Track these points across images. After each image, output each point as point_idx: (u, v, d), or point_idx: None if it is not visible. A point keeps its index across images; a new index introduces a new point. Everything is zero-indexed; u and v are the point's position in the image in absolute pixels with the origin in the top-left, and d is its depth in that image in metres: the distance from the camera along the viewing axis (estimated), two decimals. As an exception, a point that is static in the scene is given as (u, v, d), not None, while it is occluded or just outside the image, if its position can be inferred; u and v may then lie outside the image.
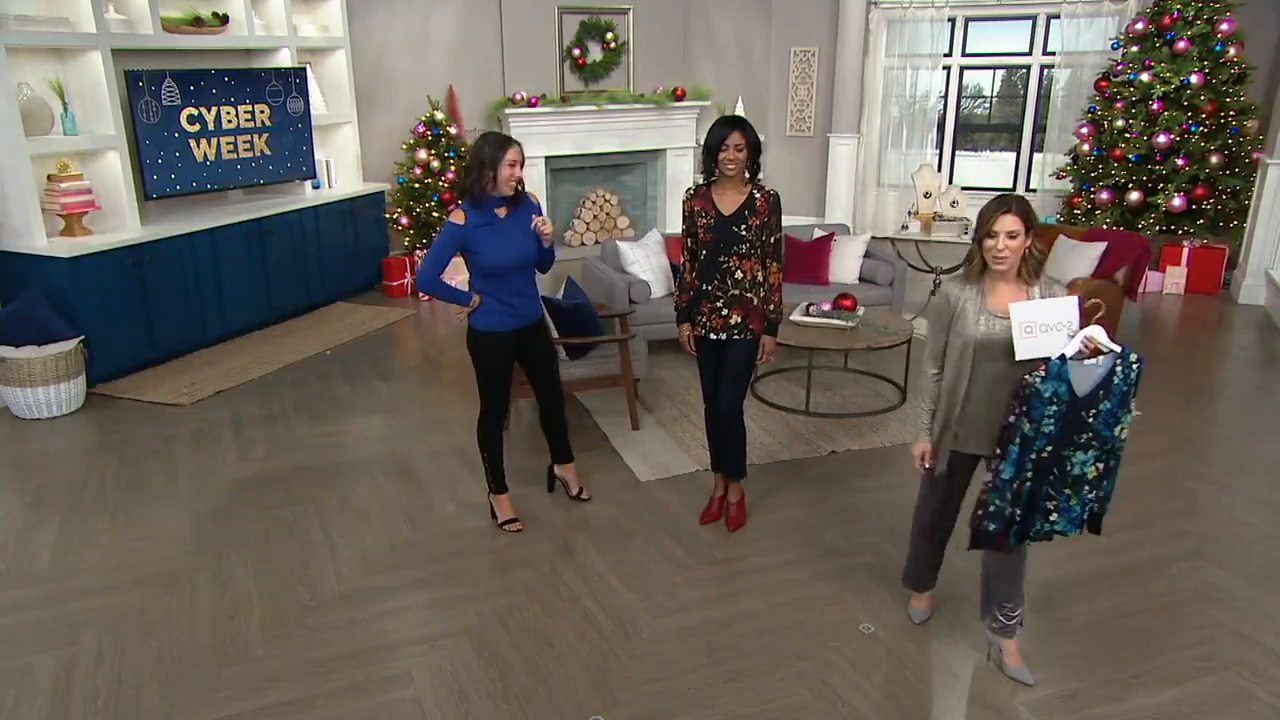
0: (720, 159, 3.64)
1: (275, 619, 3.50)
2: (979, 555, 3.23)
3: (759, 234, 3.73)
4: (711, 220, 3.74)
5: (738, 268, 3.75)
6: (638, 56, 9.38)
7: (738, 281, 3.76)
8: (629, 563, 3.88)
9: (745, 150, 3.63)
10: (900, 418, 5.39)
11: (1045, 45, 9.36)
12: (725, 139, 3.61)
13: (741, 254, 3.74)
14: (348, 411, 5.52)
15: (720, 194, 3.76)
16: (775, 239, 3.78)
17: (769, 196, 3.74)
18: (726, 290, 3.78)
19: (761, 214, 3.71)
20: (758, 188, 3.73)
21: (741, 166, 3.66)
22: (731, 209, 3.72)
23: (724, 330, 3.83)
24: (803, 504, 4.40)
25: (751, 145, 3.65)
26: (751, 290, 3.78)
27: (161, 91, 6.22)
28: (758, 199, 3.72)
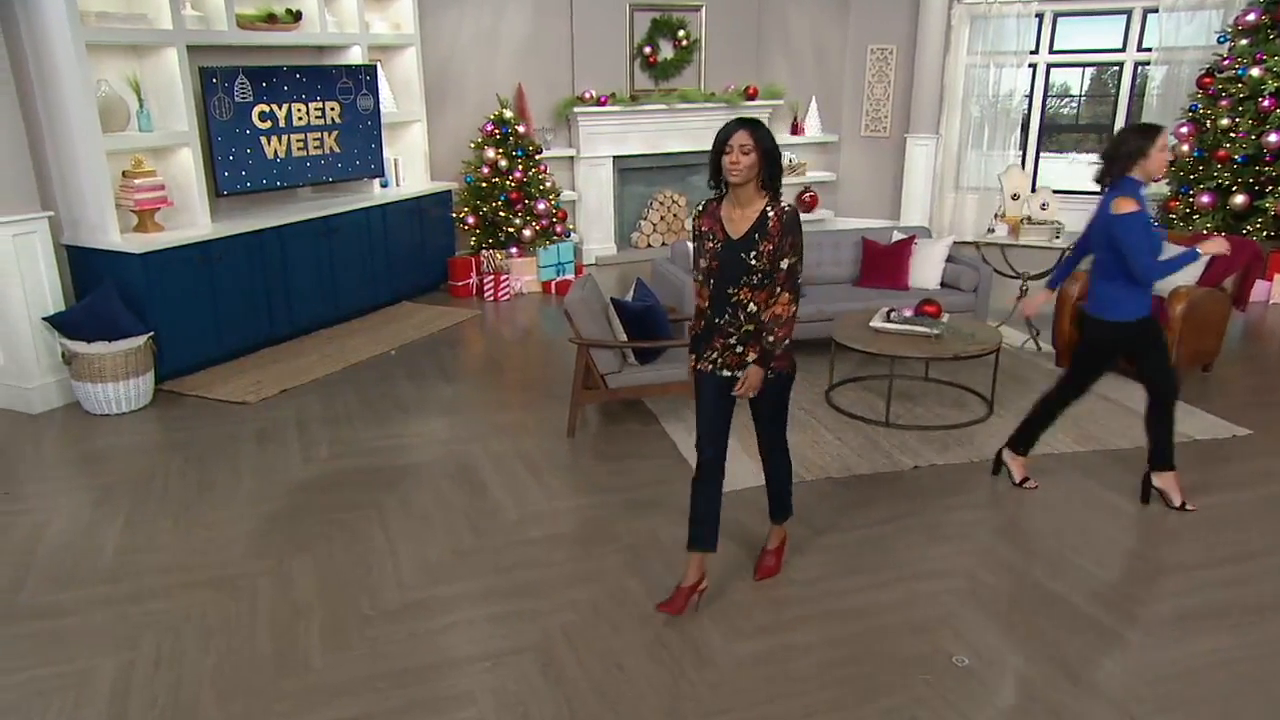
0: (724, 163, 3.07)
1: (335, 628, 3.38)
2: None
3: (772, 261, 3.12)
4: (719, 245, 3.17)
5: (750, 300, 3.17)
6: (709, 54, 9.19)
7: (751, 316, 3.20)
8: (701, 580, 3.67)
9: (754, 153, 3.03)
10: (988, 431, 5.08)
11: (1140, 41, 8.91)
12: (729, 138, 3.04)
13: (754, 285, 3.15)
14: (411, 413, 5.41)
15: (730, 211, 3.17)
16: (789, 264, 3.12)
17: (782, 215, 3.10)
18: (740, 326, 3.23)
19: (774, 236, 3.09)
20: (773, 204, 3.12)
21: (749, 173, 3.04)
22: (741, 231, 3.13)
23: (740, 367, 3.29)
24: (884, 522, 4.14)
25: (764, 150, 3.04)
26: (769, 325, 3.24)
27: (234, 88, 6.21)
28: (770, 219, 3.09)
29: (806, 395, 5.61)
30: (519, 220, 7.91)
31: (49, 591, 3.62)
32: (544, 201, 7.99)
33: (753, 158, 3.03)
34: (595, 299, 5.00)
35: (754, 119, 3.13)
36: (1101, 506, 4.27)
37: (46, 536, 4.03)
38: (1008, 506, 4.27)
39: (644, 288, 5.36)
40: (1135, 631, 3.33)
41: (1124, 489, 4.41)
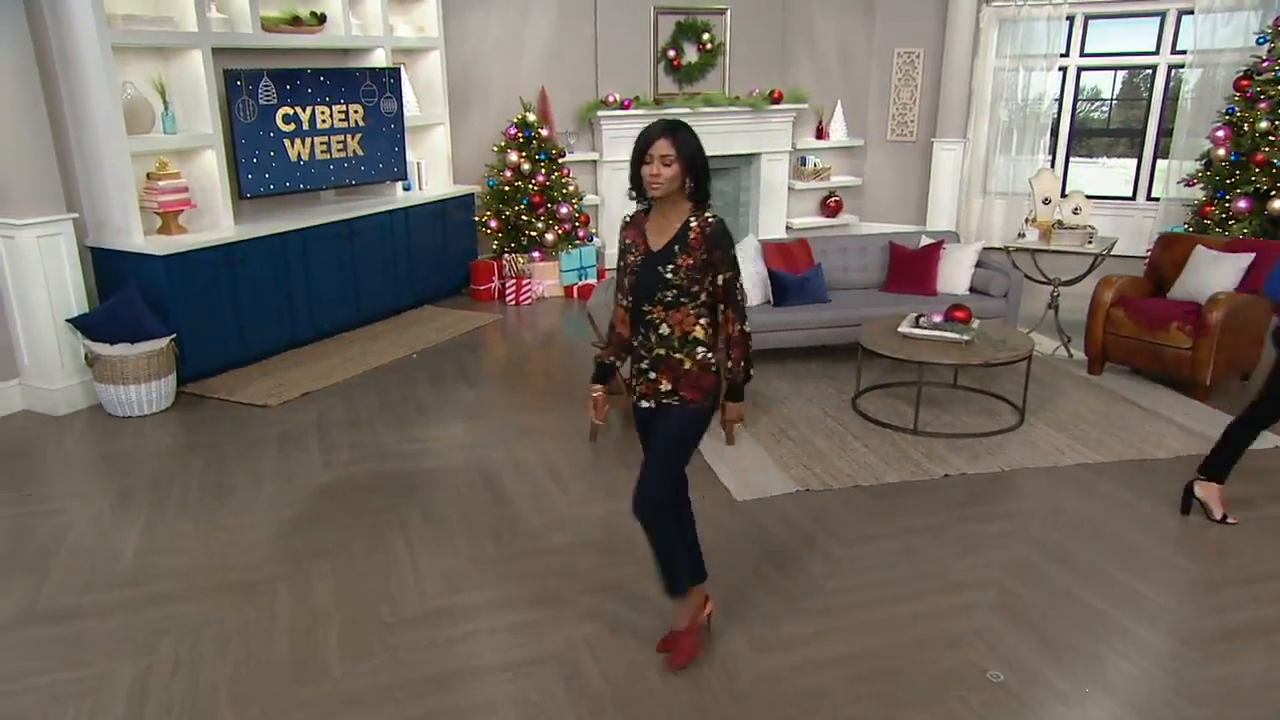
0: (643, 173, 2.79)
1: (354, 635, 3.33)
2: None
3: (690, 277, 2.81)
4: (640, 257, 2.88)
5: (662, 320, 2.86)
6: (734, 58, 9.11)
7: (664, 339, 2.87)
8: (727, 589, 3.59)
9: (677, 164, 2.73)
10: (1019, 440, 4.97)
11: (1175, 44, 8.75)
12: (649, 146, 2.75)
13: (667, 303, 2.83)
14: (432, 418, 5.36)
15: (654, 223, 2.88)
16: (724, 279, 2.84)
17: (705, 226, 2.79)
18: (651, 349, 2.90)
19: (695, 250, 2.79)
20: (697, 215, 2.82)
21: (671, 185, 2.76)
22: (661, 244, 2.83)
23: (653, 398, 2.97)
24: (915, 532, 4.04)
25: (688, 158, 2.75)
26: (683, 350, 2.87)
27: (259, 91, 6.20)
28: (691, 231, 2.79)
29: (832, 401, 5.52)
30: (541, 224, 7.86)
31: (67, 595, 3.59)
32: (566, 205, 7.93)
33: (675, 169, 2.74)
34: (619, 303, 4.93)
35: (677, 122, 2.80)
36: (1138, 517, 4.14)
37: (67, 539, 4.01)
38: (1041, 518, 4.15)
39: (668, 292, 5.28)
40: (1180, 648, 3.22)
41: (1161, 499, 4.28)
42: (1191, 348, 5.36)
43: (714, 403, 2.98)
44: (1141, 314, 5.58)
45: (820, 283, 6.09)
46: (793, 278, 6.02)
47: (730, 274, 2.86)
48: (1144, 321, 5.56)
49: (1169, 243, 6.09)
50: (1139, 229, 9.04)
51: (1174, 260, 5.94)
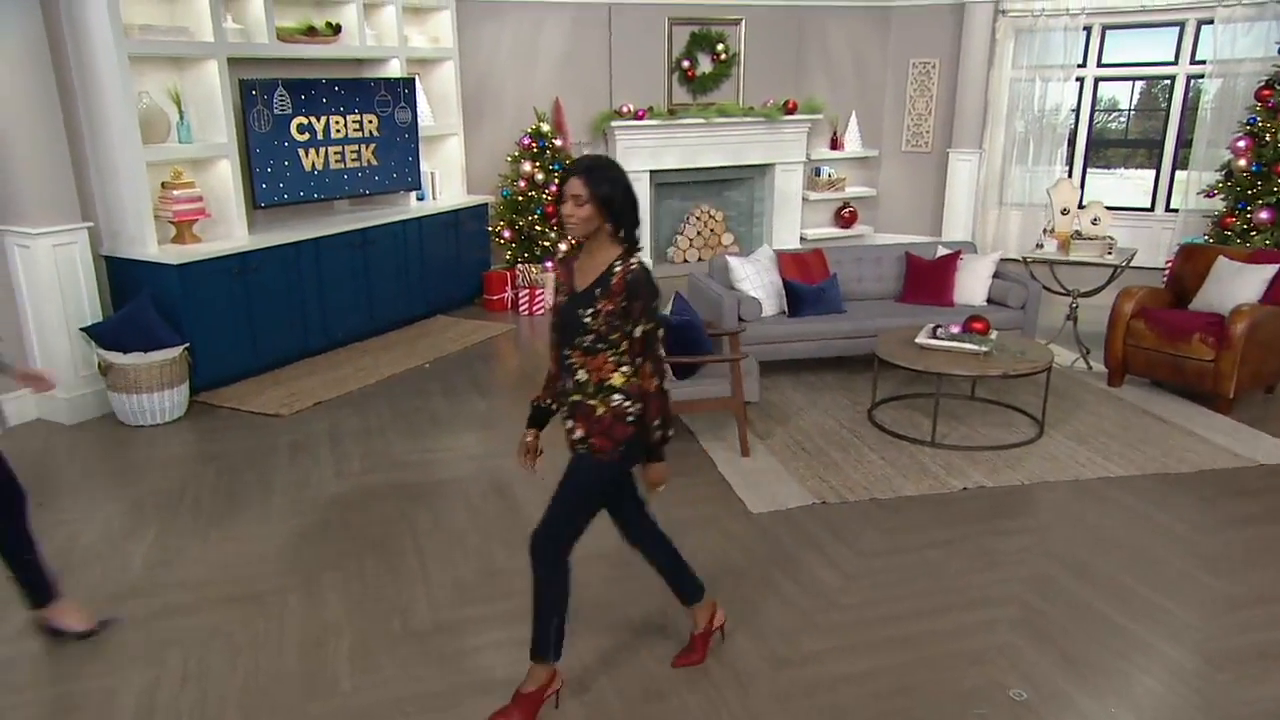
0: (561, 212, 2.70)
1: (365, 648, 3.28)
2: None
3: (609, 324, 2.65)
4: (565, 298, 2.77)
5: (580, 366, 2.73)
6: (748, 68, 9.09)
7: (580, 384, 2.75)
8: (742, 604, 3.53)
9: (589, 204, 2.61)
10: (1039, 453, 4.89)
11: (1194, 54, 8.67)
12: (564, 184, 2.66)
13: (585, 348, 2.70)
14: (445, 428, 5.33)
15: (582, 263, 2.75)
16: (643, 331, 2.66)
17: (627, 274, 2.63)
18: (568, 394, 2.80)
19: (615, 296, 2.63)
20: (624, 259, 2.67)
21: (586, 226, 2.64)
22: (584, 284, 2.70)
23: (570, 445, 2.87)
24: (934, 545, 3.97)
25: (602, 198, 2.61)
26: (598, 397, 2.73)
27: (274, 100, 6.21)
28: (614, 275, 2.65)
29: (848, 413, 5.46)
30: (555, 234, 7.84)
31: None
32: (580, 215, 7.90)
33: (588, 209, 2.61)
34: (633, 313, 4.89)
35: (595, 161, 2.70)
36: (1162, 532, 4.06)
37: (77, 549, 3.98)
38: (1062, 532, 4.08)
39: (682, 302, 5.24)
40: (1207, 667, 3.14)
41: (1185, 514, 4.20)
42: (1214, 360, 5.27)
43: (627, 457, 2.81)
44: (1163, 326, 5.50)
45: (836, 293, 6.03)
46: (808, 288, 5.97)
47: (649, 326, 2.67)
48: (1165, 333, 5.48)
49: (1190, 254, 6.01)
50: (1157, 240, 8.95)
51: (1195, 271, 5.86)
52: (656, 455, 2.83)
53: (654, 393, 2.73)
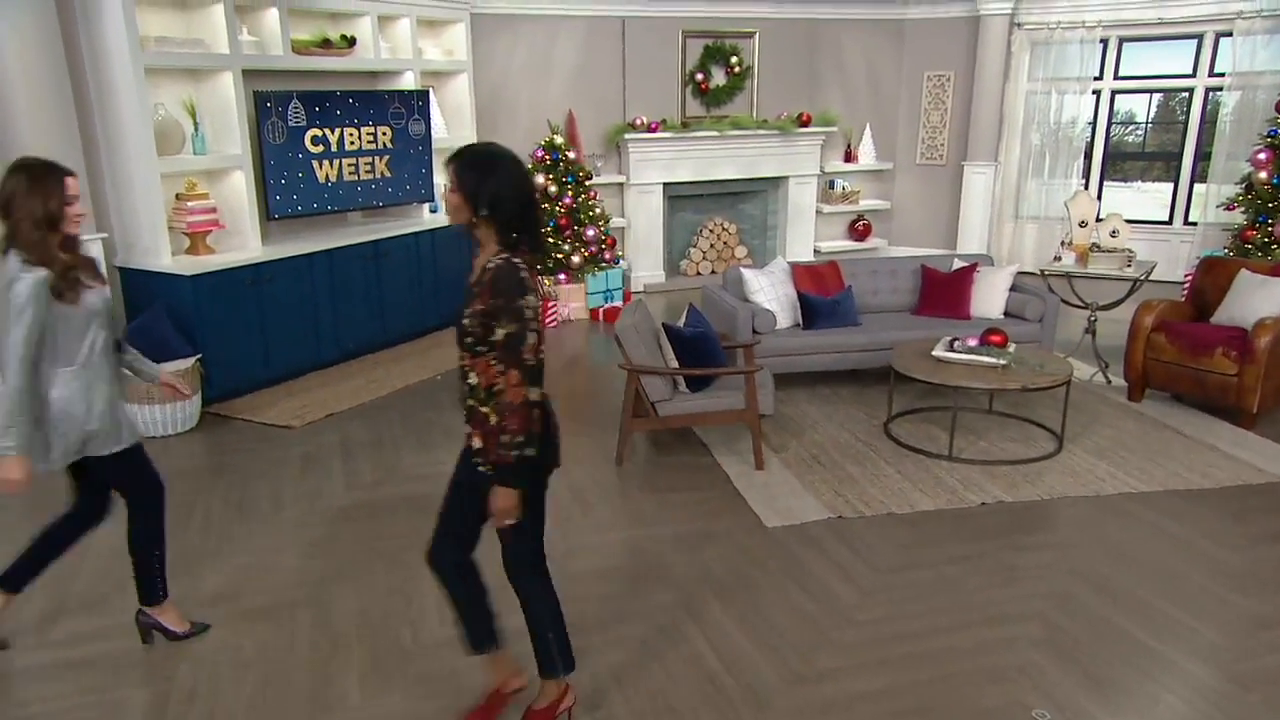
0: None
1: (375, 663, 3.24)
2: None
3: (483, 324, 2.47)
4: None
5: (470, 368, 2.56)
6: (762, 81, 9.09)
7: (473, 389, 2.58)
8: (758, 619, 3.47)
9: (457, 192, 2.49)
10: (1059, 467, 4.82)
11: (1212, 66, 8.60)
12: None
13: (469, 349, 2.53)
14: (456, 440, 5.24)
15: (477, 261, 2.61)
16: (503, 333, 2.44)
17: (490, 269, 2.47)
18: (464, 399, 2.63)
19: (485, 295, 2.46)
20: (500, 255, 2.48)
21: (456, 215, 2.53)
22: (470, 283, 2.58)
23: (469, 454, 2.71)
24: (952, 561, 3.90)
25: (468, 192, 2.47)
26: (489, 403, 2.55)
27: (288, 112, 6.22)
28: (486, 273, 2.48)
29: (864, 426, 5.39)
30: (568, 246, 7.82)
31: (84, 618, 3.53)
32: (593, 228, 7.90)
33: (456, 197, 2.50)
34: (646, 324, 4.86)
35: (472, 148, 2.56)
36: (1186, 549, 3.98)
37: (85, 560, 3.95)
38: (1084, 548, 4.00)
39: (696, 313, 5.20)
40: (1236, 688, 3.06)
41: (1210, 531, 4.12)
42: (1237, 374, 5.19)
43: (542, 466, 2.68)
44: (1184, 339, 5.42)
45: (851, 305, 5.98)
46: (823, 300, 5.92)
47: (511, 329, 2.42)
48: (1187, 347, 5.40)
49: (1211, 266, 5.93)
50: (1175, 254, 8.85)
51: (1217, 284, 5.78)
52: (506, 478, 2.55)
53: (517, 405, 2.47)
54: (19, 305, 2.80)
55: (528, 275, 2.47)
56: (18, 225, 2.83)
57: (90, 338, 3.00)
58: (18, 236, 2.84)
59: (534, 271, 2.55)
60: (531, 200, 2.58)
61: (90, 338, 3.00)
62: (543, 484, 2.79)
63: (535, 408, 2.52)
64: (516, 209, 2.49)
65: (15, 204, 2.82)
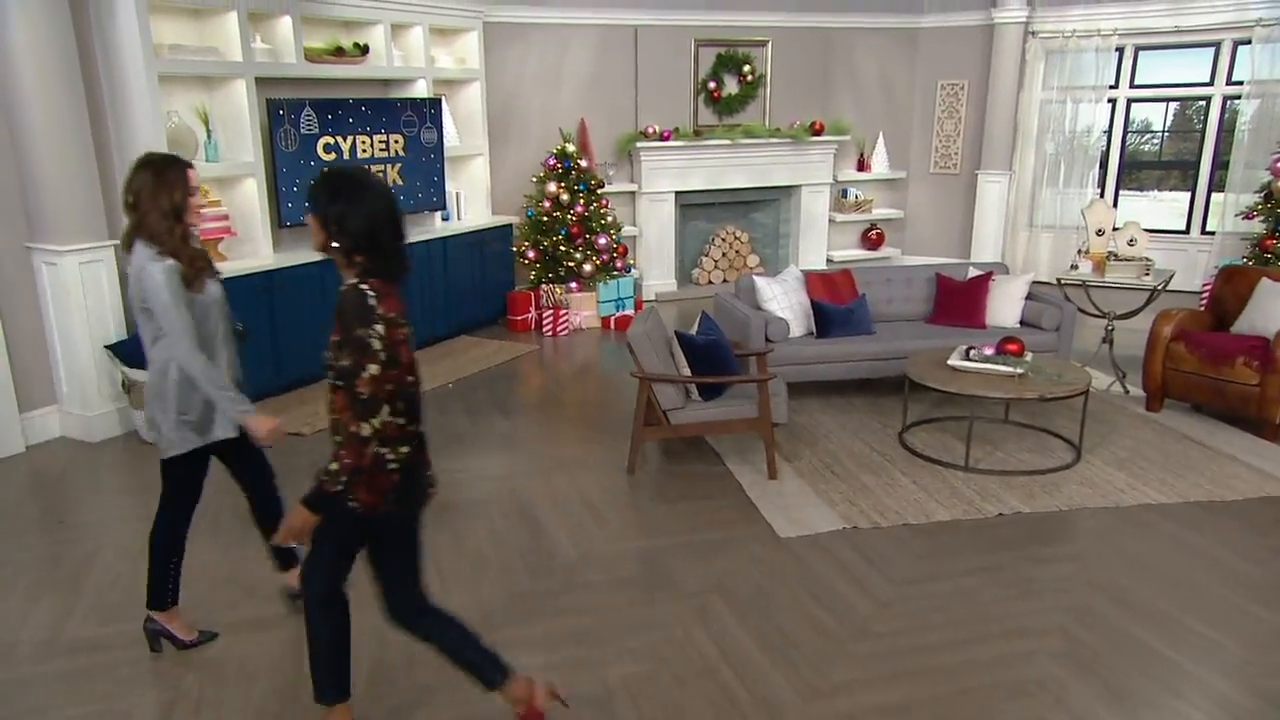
0: None
1: (382, 673, 3.20)
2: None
3: (336, 355, 2.40)
4: None
5: (331, 401, 2.47)
6: (775, 90, 9.06)
7: (334, 424, 2.47)
8: (772, 631, 3.42)
9: (311, 215, 2.44)
10: (1077, 478, 4.75)
11: (1230, 74, 8.52)
12: None
13: (331, 383, 2.44)
14: (467, 448, 5.26)
15: None
16: (343, 366, 2.37)
17: (339, 296, 2.41)
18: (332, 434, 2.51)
19: (336, 325, 2.40)
20: (347, 284, 2.42)
21: (314, 240, 2.46)
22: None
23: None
24: (969, 573, 3.84)
25: (317, 215, 2.42)
26: (340, 435, 2.45)
27: (300, 120, 6.22)
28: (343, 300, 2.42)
29: (878, 436, 5.33)
30: (579, 255, 7.80)
31: (93, 625, 3.50)
32: (605, 236, 7.87)
33: (311, 221, 2.44)
34: (659, 332, 4.82)
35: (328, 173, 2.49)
36: (1210, 562, 3.90)
37: (95, 568, 3.93)
38: (1104, 560, 3.93)
39: (709, 321, 5.16)
40: (1266, 705, 2.98)
41: (1233, 544, 4.05)
42: (1259, 384, 5.11)
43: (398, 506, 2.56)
44: (1204, 349, 5.35)
45: (865, 314, 5.93)
46: (837, 309, 5.87)
47: (352, 359, 2.33)
48: (1207, 356, 5.32)
49: (1231, 275, 5.86)
50: (1193, 263, 8.77)
51: (1236, 293, 5.70)
52: (310, 499, 2.48)
53: (349, 438, 2.37)
54: (163, 298, 2.92)
55: (378, 303, 2.36)
56: (146, 217, 2.94)
57: (212, 326, 3.12)
58: (146, 229, 2.94)
59: (392, 298, 2.41)
60: (387, 225, 2.43)
61: (212, 326, 3.12)
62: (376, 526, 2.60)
63: (366, 443, 2.38)
64: (365, 233, 2.38)
65: (143, 197, 2.93)
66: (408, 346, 2.47)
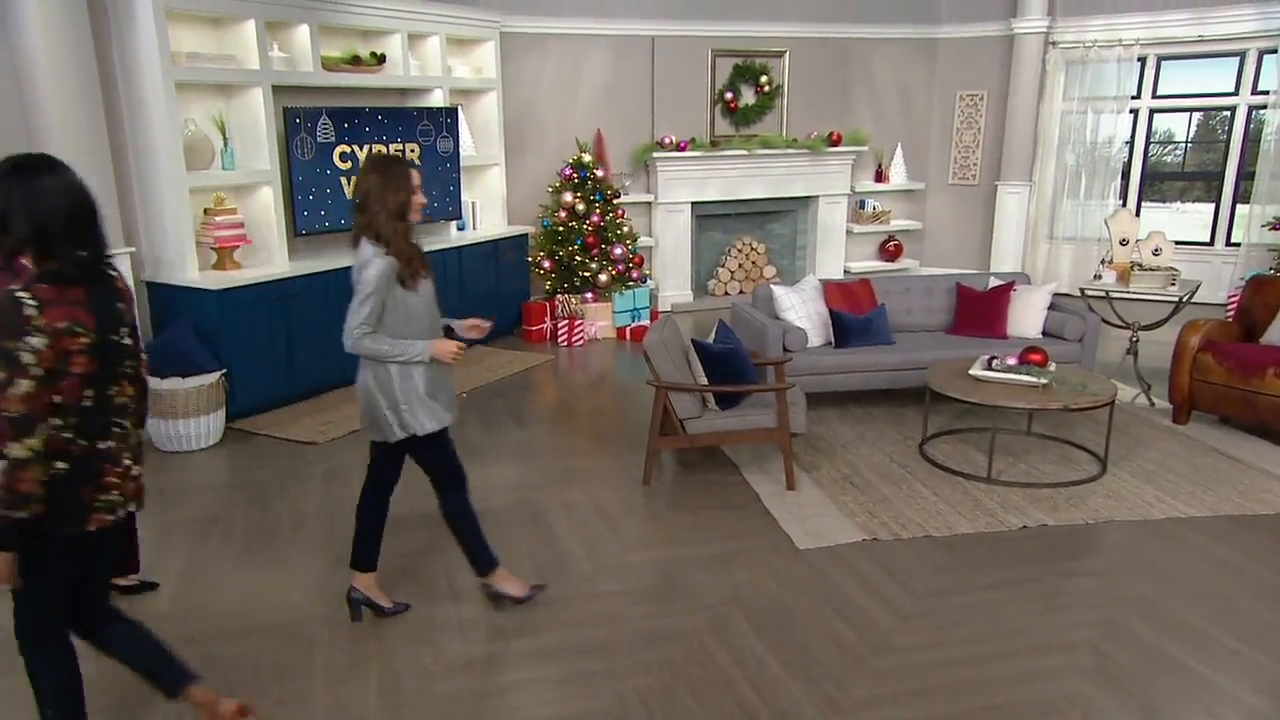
0: None
1: (394, 683, 3.13)
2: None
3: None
4: None
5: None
6: (792, 100, 9.01)
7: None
8: (790, 644, 3.33)
9: None
10: (1103, 491, 4.64)
11: (1255, 84, 8.40)
12: None
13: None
14: (481, 457, 5.20)
15: None
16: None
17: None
18: None
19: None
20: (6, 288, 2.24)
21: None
22: None
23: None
24: (993, 586, 3.74)
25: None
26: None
27: (317, 128, 6.22)
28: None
29: (898, 447, 5.24)
30: (595, 265, 7.75)
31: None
32: (621, 246, 7.83)
33: None
34: (675, 341, 4.76)
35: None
36: (1242, 577, 3.79)
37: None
38: (1132, 574, 3.83)
39: (726, 330, 5.09)
40: (1301, 724, 2.87)
41: (1266, 559, 3.93)
42: (1290, 396, 4.99)
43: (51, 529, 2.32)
44: (1233, 360, 5.23)
45: (884, 324, 5.84)
46: (856, 319, 5.79)
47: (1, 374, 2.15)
48: (1236, 368, 5.20)
49: (1260, 286, 5.74)
50: (1217, 275, 8.63)
51: (1266, 304, 5.59)
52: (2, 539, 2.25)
53: (8, 459, 2.17)
54: (368, 289, 3.09)
55: (39, 312, 2.17)
56: (375, 217, 3.11)
57: (426, 323, 3.27)
58: (374, 228, 3.11)
59: (68, 306, 2.22)
60: (65, 224, 2.26)
61: (426, 323, 3.27)
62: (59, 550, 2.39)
63: (22, 467, 2.18)
64: (32, 232, 2.21)
65: (372, 198, 3.11)
66: (94, 358, 2.28)
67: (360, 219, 3.15)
